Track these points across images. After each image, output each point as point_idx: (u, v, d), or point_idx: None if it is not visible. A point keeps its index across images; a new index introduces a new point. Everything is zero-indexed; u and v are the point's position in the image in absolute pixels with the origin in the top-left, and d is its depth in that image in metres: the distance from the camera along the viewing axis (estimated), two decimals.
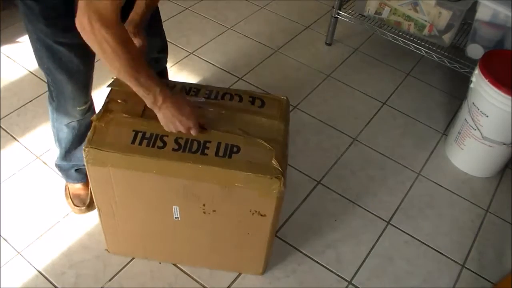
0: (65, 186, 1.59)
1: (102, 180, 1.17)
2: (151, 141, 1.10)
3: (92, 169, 1.15)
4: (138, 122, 1.14)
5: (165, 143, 1.10)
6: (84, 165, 1.53)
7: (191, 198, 1.17)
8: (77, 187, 1.56)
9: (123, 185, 1.18)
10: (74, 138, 1.42)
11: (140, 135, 1.11)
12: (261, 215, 1.18)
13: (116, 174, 1.14)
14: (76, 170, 1.53)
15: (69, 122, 1.37)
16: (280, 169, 1.08)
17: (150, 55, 1.47)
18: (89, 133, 1.12)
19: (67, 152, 1.47)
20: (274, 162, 1.09)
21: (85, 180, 1.56)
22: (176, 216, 1.23)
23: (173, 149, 1.10)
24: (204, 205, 1.18)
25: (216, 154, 1.09)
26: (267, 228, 1.22)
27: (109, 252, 1.44)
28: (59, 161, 1.51)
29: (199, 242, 1.34)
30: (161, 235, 1.34)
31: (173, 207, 1.21)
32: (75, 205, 1.54)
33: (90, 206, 1.54)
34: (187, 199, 1.17)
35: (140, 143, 1.10)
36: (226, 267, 1.43)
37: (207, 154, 1.09)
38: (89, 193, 1.55)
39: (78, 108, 1.33)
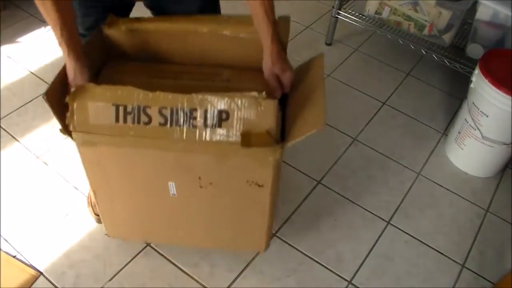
0: (88, 193, 1.59)
1: (94, 160, 1.14)
2: (135, 116, 1.04)
3: (83, 150, 1.12)
4: (115, 93, 1.03)
5: (150, 118, 1.04)
6: None
7: (186, 172, 1.14)
8: None
9: (117, 164, 1.15)
10: None
11: (121, 109, 1.03)
12: (259, 186, 1.14)
13: (108, 153, 1.12)
14: None
15: None
16: (275, 136, 1.03)
17: None
18: (69, 116, 1.05)
19: None
20: (269, 126, 1.02)
21: None
22: (172, 192, 1.20)
23: (160, 124, 1.04)
24: (200, 178, 1.15)
25: (205, 124, 1.03)
26: (266, 199, 1.19)
27: (109, 236, 1.43)
28: None
29: (198, 219, 1.30)
30: (159, 215, 1.31)
31: (169, 183, 1.17)
32: (95, 214, 1.51)
33: None
34: (181, 174, 1.14)
35: (125, 120, 1.04)
36: (227, 245, 1.40)
37: (196, 126, 1.03)
38: None
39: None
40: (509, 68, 1.61)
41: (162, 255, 1.47)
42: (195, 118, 1.03)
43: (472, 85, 1.67)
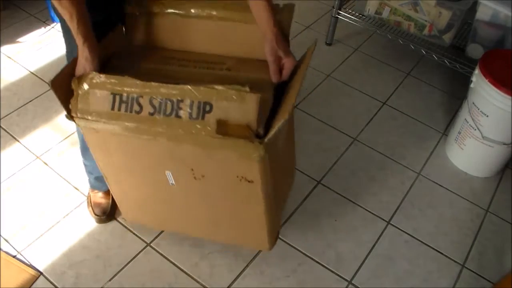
0: (88, 194, 1.59)
1: (99, 145, 1.18)
2: (128, 105, 1.08)
3: (87, 135, 1.16)
4: (113, 82, 1.08)
5: (141, 107, 1.07)
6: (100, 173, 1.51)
7: (179, 163, 1.15)
8: (98, 196, 1.56)
9: (119, 149, 1.18)
10: None
11: (118, 98, 1.08)
12: (249, 181, 1.13)
13: (110, 138, 1.14)
14: (95, 177, 1.53)
15: None
16: (256, 130, 1.02)
17: None
18: (73, 102, 1.10)
19: (83, 149, 1.46)
20: (249, 119, 1.02)
21: (105, 189, 1.55)
22: (171, 182, 1.21)
23: (149, 113, 1.07)
24: (192, 170, 1.16)
25: (190, 116, 1.05)
26: (259, 196, 1.17)
27: (126, 220, 1.46)
28: (83, 159, 1.51)
29: (199, 211, 1.30)
30: (164, 202, 1.31)
31: (166, 172, 1.19)
32: (95, 214, 1.52)
33: (110, 215, 1.54)
34: (176, 164, 1.16)
35: (119, 109, 1.08)
36: (231, 240, 1.41)
37: (181, 117, 1.05)
38: (110, 203, 1.54)
39: None
40: (509, 68, 1.61)
41: (162, 255, 1.47)
42: (181, 109, 1.06)
43: (472, 85, 1.67)
